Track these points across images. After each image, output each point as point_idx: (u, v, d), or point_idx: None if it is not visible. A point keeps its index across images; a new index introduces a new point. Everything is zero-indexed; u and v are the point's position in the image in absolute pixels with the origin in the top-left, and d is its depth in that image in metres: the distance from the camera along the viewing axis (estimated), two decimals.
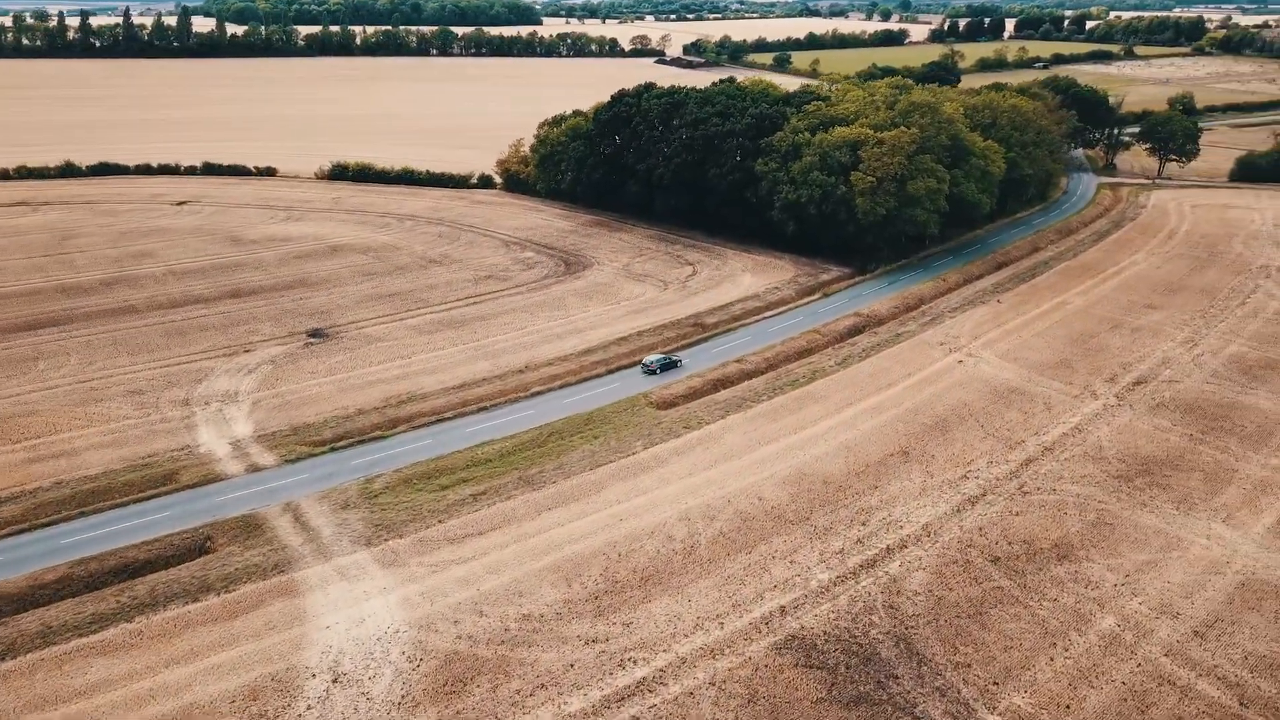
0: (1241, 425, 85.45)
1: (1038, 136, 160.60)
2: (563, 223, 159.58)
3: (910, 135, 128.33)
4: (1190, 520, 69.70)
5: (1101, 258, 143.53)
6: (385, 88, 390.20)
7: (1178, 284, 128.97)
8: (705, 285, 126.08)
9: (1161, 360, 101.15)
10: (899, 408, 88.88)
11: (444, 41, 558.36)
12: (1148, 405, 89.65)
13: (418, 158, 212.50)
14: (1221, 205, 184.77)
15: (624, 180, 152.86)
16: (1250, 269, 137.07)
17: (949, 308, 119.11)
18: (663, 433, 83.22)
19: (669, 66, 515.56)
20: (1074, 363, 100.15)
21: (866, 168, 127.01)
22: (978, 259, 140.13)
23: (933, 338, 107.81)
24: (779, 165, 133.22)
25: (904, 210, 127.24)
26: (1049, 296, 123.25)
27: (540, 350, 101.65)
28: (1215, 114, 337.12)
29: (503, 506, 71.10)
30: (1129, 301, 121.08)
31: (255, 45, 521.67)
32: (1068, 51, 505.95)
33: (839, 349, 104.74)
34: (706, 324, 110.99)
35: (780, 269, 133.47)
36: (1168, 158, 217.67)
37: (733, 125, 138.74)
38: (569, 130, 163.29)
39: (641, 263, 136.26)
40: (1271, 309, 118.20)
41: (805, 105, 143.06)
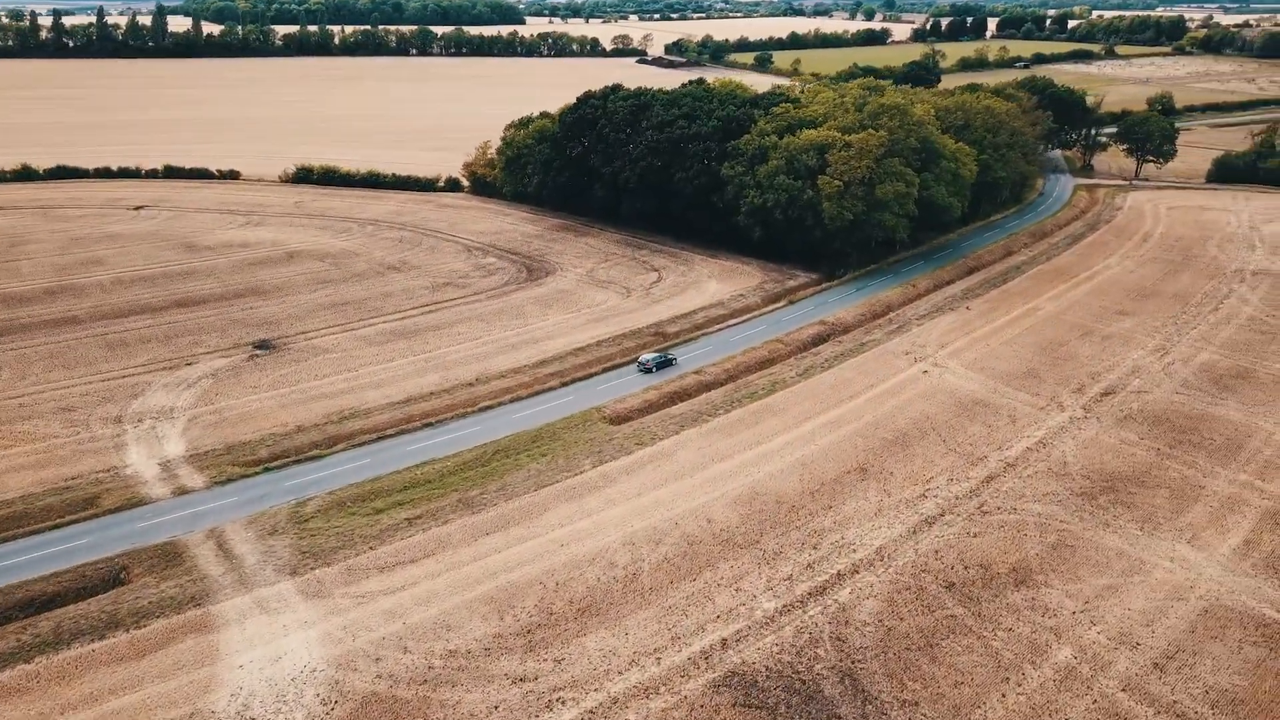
0: (1210, 439, 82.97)
1: (1011, 138, 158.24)
2: (529, 227, 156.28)
3: (878, 138, 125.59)
4: (1154, 541, 67.06)
5: (1075, 262, 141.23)
6: (361, 88, 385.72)
7: (1151, 289, 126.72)
8: (669, 292, 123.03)
9: (1131, 369, 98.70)
10: (859, 421, 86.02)
11: (424, 41, 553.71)
12: (1115, 418, 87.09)
13: (388, 160, 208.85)
14: (1198, 207, 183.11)
15: (590, 184, 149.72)
16: (1224, 273, 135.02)
17: (917, 315, 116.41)
18: (613, 450, 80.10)
19: (650, 66, 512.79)
20: (1042, 372, 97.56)
21: (833, 171, 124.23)
22: (949, 264, 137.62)
23: (898, 347, 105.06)
24: (745, 169, 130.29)
25: (872, 215, 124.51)
26: (1020, 302, 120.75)
27: (493, 362, 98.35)
28: (1194, 114, 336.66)
29: (439, 531, 67.81)
30: (1101, 307, 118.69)
31: (232, 45, 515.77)
32: (1049, 51, 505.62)
33: (801, 359, 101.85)
34: (668, 333, 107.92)
35: (747, 275, 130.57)
36: (1145, 159, 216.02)
37: (699, 128, 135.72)
38: (535, 132, 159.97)
39: (606, 268, 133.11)
40: (1244, 315, 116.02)
41: (773, 107, 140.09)
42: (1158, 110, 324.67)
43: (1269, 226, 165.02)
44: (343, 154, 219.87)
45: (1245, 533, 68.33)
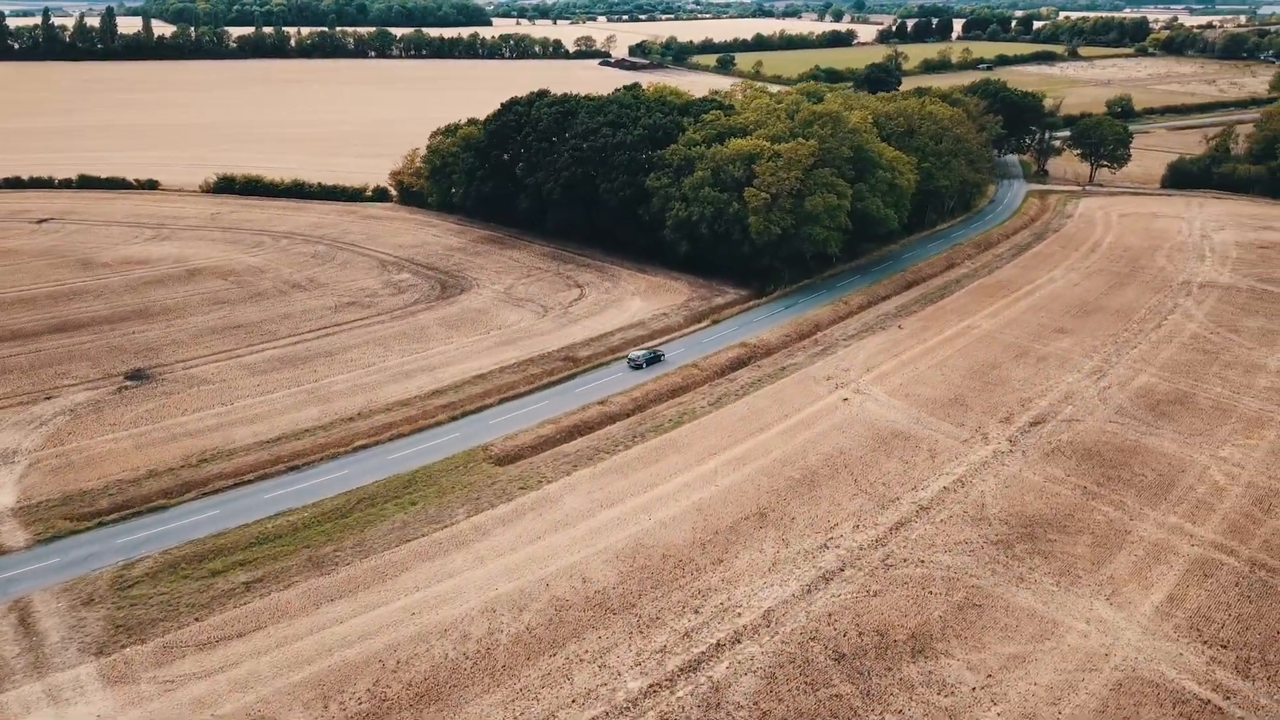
0: (1141, 475, 77.09)
1: (955, 145, 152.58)
2: (453, 239, 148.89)
3: (808, 147, 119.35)
4: (1071, 598, 60.86)
5: (1017, 275, 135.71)
6: (309, 92, 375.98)
7: (1093, 304, 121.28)
8: (589, 311, 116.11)
9: (1064, 395, 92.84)
10: (766, 458, 79.46)
11: (383, 43, 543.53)
12: (1042, 451, 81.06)
13: (322, 167, 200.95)
14: (1150, 214, 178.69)
15: (515, 194, 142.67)
16: (1171, 286, 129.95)
17: (845, 335, 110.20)
18: (493, 496, 73.04)
19: (612, 68, 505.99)
20: (969, 399, 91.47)
21: (760, 183, 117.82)
22: (886, 278, 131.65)
23: (821, 371, 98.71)
24: (671, 180, 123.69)
25: (801, 228, 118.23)
26: (955, 320, 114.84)
27: (381, 392, 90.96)
28: (1154, 116, 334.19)
29: (278, 598, 60.45)
30: (1039, 325, 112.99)
31: (184, 47, 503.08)
32: (1012, 53, 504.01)
33: (715, 386, 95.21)
34: (579, 357, 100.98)
35: (674, 292, 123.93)
36: (1099, 163, 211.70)
37: (624, 136, 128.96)
38: (462, 140, 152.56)
39: (526, 285, 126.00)
40: (1188, 332, 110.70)
41: (704, 115, 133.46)
42: (1117, 113, 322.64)
43: (1219, 235, 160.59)
44: (275, 161, 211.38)
45: (1170, 587, 62.31)
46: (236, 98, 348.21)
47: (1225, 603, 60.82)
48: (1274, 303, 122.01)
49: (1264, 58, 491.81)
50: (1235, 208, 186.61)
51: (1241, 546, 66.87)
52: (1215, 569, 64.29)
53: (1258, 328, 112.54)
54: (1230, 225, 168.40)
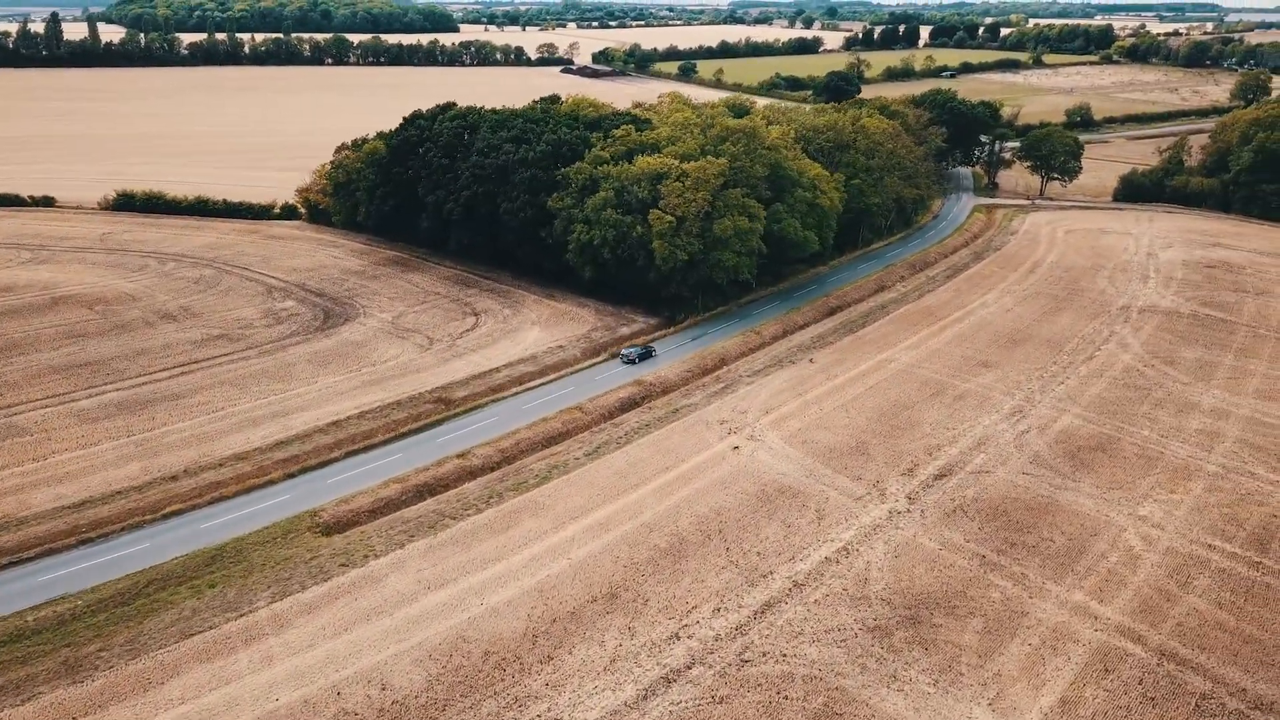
0: (1050, 539, 68.70)
1: (887, 161, 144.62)
2: (354, 261, 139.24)
3: (717, 166, 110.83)
4: (947, 703, 52.20)
5: (949, 299, 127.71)
6: (254, 100, 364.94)
7: (1024, 333, 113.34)
8: (480, 343, 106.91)
9: (978, 441, 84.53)
10: (634, 521, 70.50)
11: (340, 50, 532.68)
12: (943, 511, 72.56)
13: (238, 181, 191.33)
14: (1097, 230, 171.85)
15: (419, 213, 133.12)
16: (1109, 310, 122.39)
17: (751, 370, 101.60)
18: (307, 575, 63.62)
19: (574, 76, 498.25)
20: (872, 447, 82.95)
21: (666, 204, 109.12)
22: (807, 304, 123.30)
23: (716, 413, 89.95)
24: (575, 201, 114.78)
25: (711, 253, 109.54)
26: (872, 352, 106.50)
27: (220, 444, 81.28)
28: (1114, 125, 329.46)
29: (9, 717, 50.61)
30: (962, 358, 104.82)
31: (133, 54, 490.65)
32: (976, 60, 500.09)
33: (597, 433, 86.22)
34: (453, 399, 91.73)
35: (579, 320, 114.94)
36: (1050, 176, 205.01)
37: (525, 153, 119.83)
38: (366, 155, 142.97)
39: (419, 313, 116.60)
40: (1120, 365, 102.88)
41: (614, 130, 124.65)
42: (1076, 121, 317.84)
43: (1166, 253, 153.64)
44: (192, 174, 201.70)
45: (1063, 686, 53.80)
46: (173, 106, 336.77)
47: (1125, 705, 52.38)
48: (1214, 330, 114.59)
49: (1227, 65, 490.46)
50: (1186, 223, 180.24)
51: (1151, 631, 58.53)
52: (1118, 662, 55.87)
53: (1195, 359, 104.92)
54: (1179, 242, 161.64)
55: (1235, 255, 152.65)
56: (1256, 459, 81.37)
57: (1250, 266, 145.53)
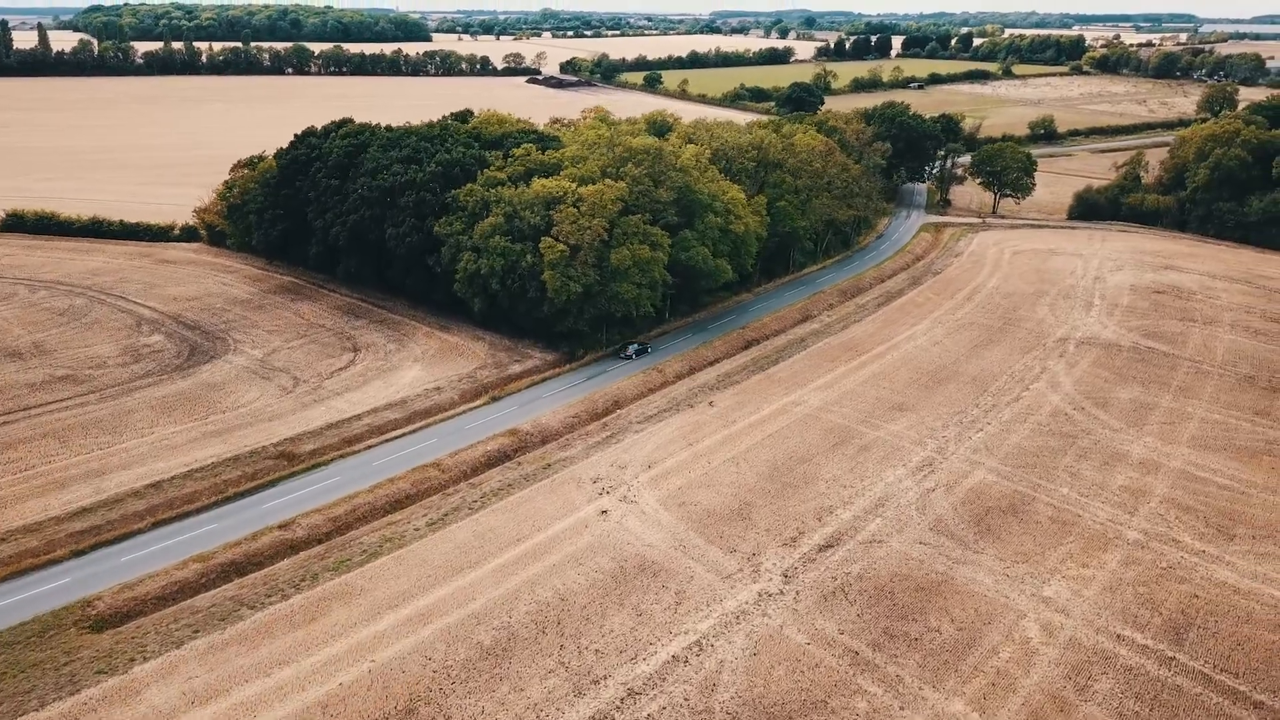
0: (937, 629, 59.59)
1: (816, 181, 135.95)
2: (244, 289, 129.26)
3: (616, 190, 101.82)
4: None
5: (876, 330, 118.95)
6: (188, 111, 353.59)
7: (949, 370, 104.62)
8: (351, 384, 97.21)
9: (877, 501, 75.50)
10: (462, 610, 60.97)
11: (300, 59, 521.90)
12: (821, 592, 63.38)
13: (151, 199, 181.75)
14: (1046, 250, 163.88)
15: (309, 237, 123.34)
16: (1046, 342, 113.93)
17: (644, 415, 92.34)
18: (56, 686, 53.72)
19: (539, 86, 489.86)
20: (757, 510, 73.77)
21: (560, 232, 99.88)
22: (722, 336, 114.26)
23: (592, 469, 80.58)
24: (464, 226, 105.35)
25: (609, 285, 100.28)
26: (780, 394, 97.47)
27: (11, 512, 71.41)
28: (1078, 137, 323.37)
29: None
30: (876, 400, 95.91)
31: (85, 63, 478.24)
32: (946, 71, 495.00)
33: (450, 495, 76.66)
34: (299, 453, 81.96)
35: (468, 356, 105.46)
36: (1003, 193, 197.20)
37: (414, 174, 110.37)
38: (260, 175, 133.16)
39: (294, 348, 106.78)
40: (1048, 408, 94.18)
41: (515, 149, 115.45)
42: (1040, 134, 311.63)
43: (1115, 276, 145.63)
44: (102, 192, 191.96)
45: None
46: (105, 118, 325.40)
47: None
48: (1155, 366, 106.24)
49: (1197, 77, 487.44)
50: (1140, 242, 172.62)
51: None
52: None
53: (1130, 400, 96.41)
54: (1130, 264, 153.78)
55: (1187, 279, 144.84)
56: (1182, 523, 72.66)
57: (1201, 292, 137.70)
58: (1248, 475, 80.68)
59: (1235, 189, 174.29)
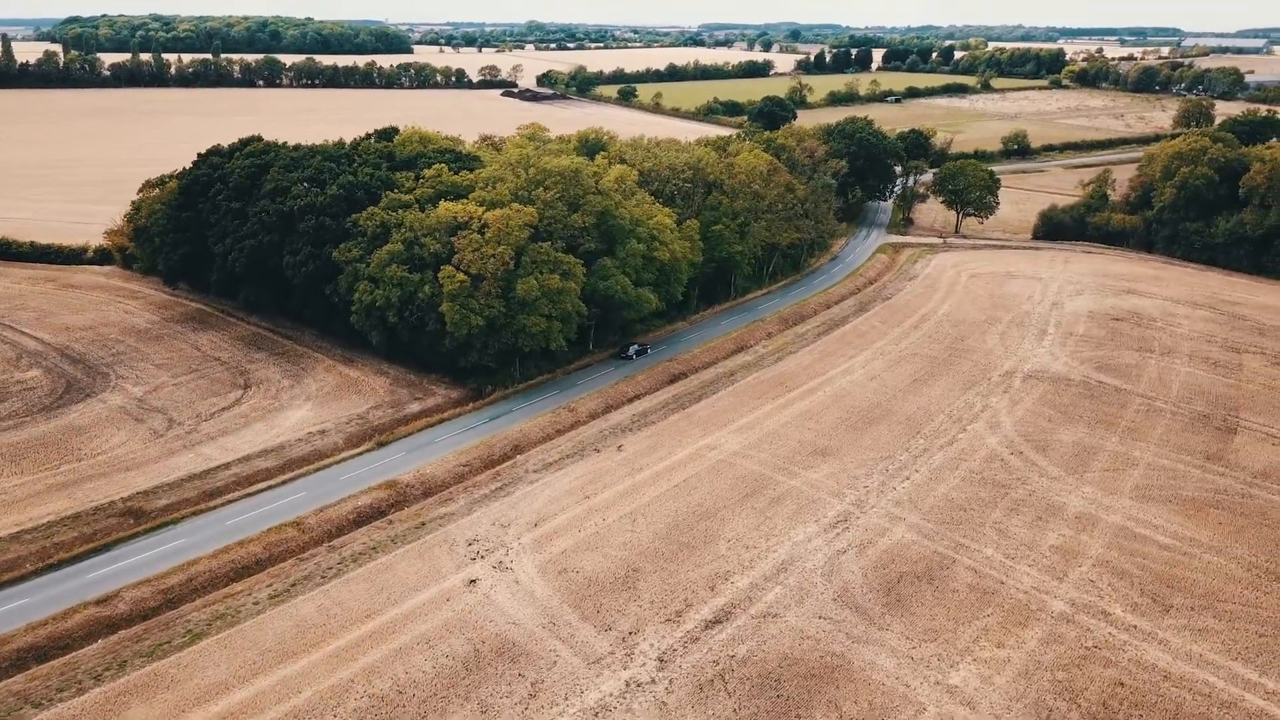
0: None
1: (755, 203, 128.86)
2: (147, 317, 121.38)
3: (523, 216, 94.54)
4: None
5: (812, 362, 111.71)
6: (152, 125, 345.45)
7: (882, 408, 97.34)
8: (230, 425, 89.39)
9: (781, 564, 68.02)
10: (280, 708, 53.46)
11: (272, 71, 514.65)
12: (697, 681, 55.73)
13: (79, 216, 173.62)
14: (1005, 274, 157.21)
15: (210, 263, 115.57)
16: (991, 376, 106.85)
17: (544, 463, 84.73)
18: None
19: (514, 99, 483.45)
20: (646, 576, 66.19)
21: (461, 260, 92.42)
22: (647, 370, 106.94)
23: (471, 528, 72.88)
24: (363, 253, 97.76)
25: (516, 317, 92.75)
26: (696, 436, 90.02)
27: None
28: (1052, 153, 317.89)
29: None
30: (799, 443, 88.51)
31: (50, 75, 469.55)
32: (923, 85, 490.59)
33: (305, 560, 68.79)
34: (149, 510, 74.06)
35: (367, 393, 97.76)
36: (966, 212, 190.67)
37: (314, 197, 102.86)
38: (167, 195, 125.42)
39: (180, 385, 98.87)
40: (984, 452, 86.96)
41: (426, 169, 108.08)
42: (1013, 149, 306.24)
43: (1074, 301, 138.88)
44: (29, 210, 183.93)
45: None
46: (59, 132, 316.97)
47: None
48: (1104, 403, 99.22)
49: (1176, 91, 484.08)
50: (1104, 264, 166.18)
51: None
52: None
53: (1073, 443, 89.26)
54: (1091, 288, 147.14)
55: (1149, 304, 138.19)
56: (1115, 592, 65.33)
57: (1162, 319, 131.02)
58: (1191, 531, 73.50)
59: (1203, 209, 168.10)
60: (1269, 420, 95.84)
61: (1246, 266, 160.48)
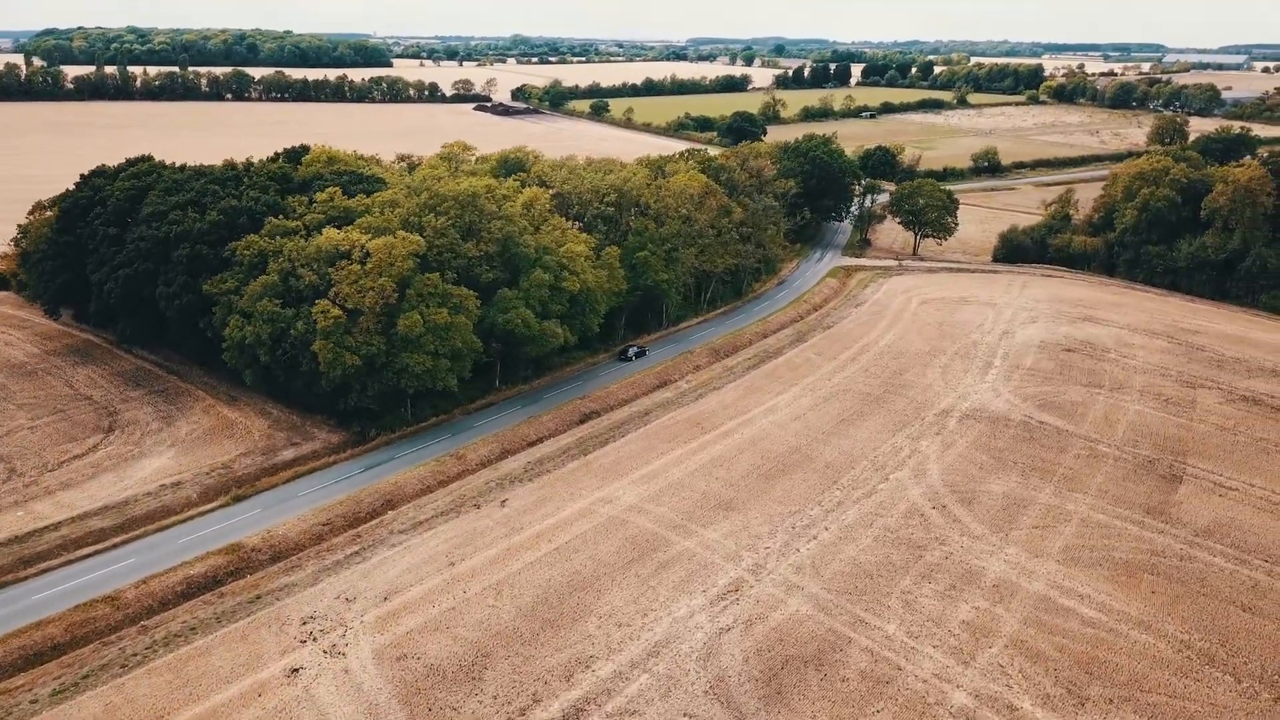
0: None
1: (684, 227, 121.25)
2: (28, 349, 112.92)
3: (410, 244, 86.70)
4: None
5: (735, 400, 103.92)
6: (105, 140, 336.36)
7: (802, 453, 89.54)
8: (77, 476, 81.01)
9: (653, 647, 59.96)
10: None
11: (240, 85, 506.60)
12: None
13: None
14: (958, 299, 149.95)
15: (89, 292, 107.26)
16: (926, 416, 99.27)
17: (415, 520, 76.58)
18: None
19: (485, 114, 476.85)
20: (496, 663, 58.07)
21: (338, 293, 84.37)
22: (556, 409, 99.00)
23: (310, 602, 64.59)
24: (238, 285, 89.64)
25: (398, 355, 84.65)
26: (593, 486, 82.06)
27: None
28: (1023, 170, 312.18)
29: None
30: (704, 495, 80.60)
31: (10, 89, 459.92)
32: (899, 100, 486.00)
33: (110, 644, 60.40)
34: None
35: (241, 437, 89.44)
36: (923, 233, 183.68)
37: (190, 224, 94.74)
38: (52, 218, 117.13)
39: (36, 428, 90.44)
40: (902, 506, 79.18)
41: (319, 193, 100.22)
42: (984, 166, 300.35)
43: (1026, 331, 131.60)
44: None
45: None
46: (3, 148, 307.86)
47: None
48: (1043, 446, 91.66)
49: (1153, 107, 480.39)
50: (1062, 289, 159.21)
51: None
52: None
53: (1003, 495, 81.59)
54: (1045, 315, 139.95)
55: (1104, 333, 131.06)
56: (1026, 680, 57.43)
57: (1116, 349, 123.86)
58: (1120, 603, 65.78)
59: (1165, 231, 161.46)
60: (1217, 466, 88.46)
61: (1209, 292, 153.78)
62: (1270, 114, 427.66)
